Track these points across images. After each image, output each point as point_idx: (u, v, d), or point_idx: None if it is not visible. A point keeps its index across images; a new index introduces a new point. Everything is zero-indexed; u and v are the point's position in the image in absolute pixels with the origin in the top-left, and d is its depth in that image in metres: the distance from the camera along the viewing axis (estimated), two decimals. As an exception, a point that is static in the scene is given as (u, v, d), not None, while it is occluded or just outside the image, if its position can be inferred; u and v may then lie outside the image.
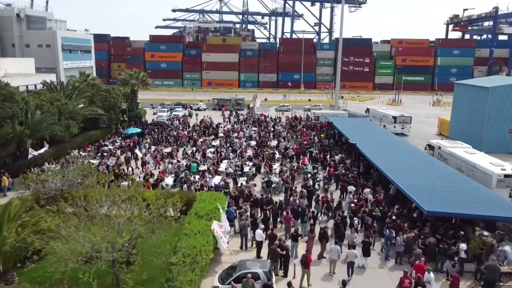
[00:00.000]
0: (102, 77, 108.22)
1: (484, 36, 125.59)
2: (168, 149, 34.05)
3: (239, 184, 24.53)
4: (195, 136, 39.07)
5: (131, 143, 35.36)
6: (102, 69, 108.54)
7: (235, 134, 40.97)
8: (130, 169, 27.96)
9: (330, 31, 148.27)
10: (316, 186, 25.24)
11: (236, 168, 28.61)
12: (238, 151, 34.08)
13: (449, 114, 60.56)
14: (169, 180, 25.75)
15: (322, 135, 39.75)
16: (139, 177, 25.48)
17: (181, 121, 48.34)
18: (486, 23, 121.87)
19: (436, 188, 19.69)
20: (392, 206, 21.39)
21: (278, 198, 24.70)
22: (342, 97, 72.40)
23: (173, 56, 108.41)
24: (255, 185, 23.62)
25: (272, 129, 44.89)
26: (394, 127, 46.54)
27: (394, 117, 46.84)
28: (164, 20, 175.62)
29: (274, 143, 37.84)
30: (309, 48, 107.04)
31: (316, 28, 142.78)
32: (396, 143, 31.85)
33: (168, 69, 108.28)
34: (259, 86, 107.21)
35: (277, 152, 33.45)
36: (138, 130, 38.88)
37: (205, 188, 23.43)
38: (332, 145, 36.66)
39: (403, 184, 20.18)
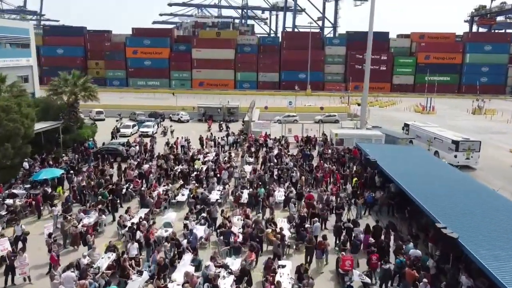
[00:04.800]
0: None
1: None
2: (93, 217, 19.04)
3: None
4: (151, 185, 23.99)
5: (35, 201, 20.41)
6: (77, 67, 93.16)
7: (220, 173, 25.95)
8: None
9: (334, 26, 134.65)
10: None
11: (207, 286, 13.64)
12: (219, 222, 19.10)
13: (501, 127, 46.22)
14: None
15: (354, 179, 24.69)
16: None
17: (143, 146, 33.18)
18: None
19: None
20: None
21: None
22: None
23: (159, 52, 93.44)
24: None
25: (275, 159, 29.91)
26: (455, 156, 31.52)
27: (456, 142, 31.75)
28: (160, 15, 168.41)
29: (280, 194, 22.92)
30: (316, 43, 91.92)
31: (319, 23, 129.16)
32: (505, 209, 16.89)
33: (153, 67, 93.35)
34: (258, 87, 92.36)
35: (286, 227, 18.46)
36: (57, 172, 23.82)
37: None
38: (383, 203, 21.71)
39: None
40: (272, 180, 25.70)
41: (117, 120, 46.34)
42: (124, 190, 22.93)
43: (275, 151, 32.14)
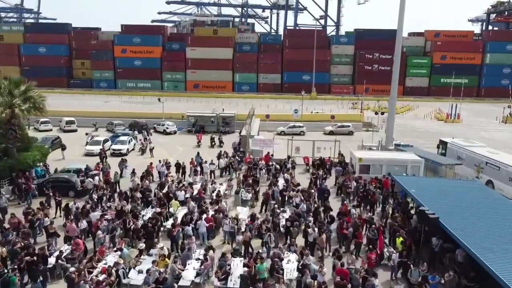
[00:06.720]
0: (61, 77, 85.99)
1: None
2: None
3: None
4: (95, 252, 16.02)
5: None
6: (60, 67, 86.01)
7: (201, 224, 17.99)
8: None
9: (337, 24, 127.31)
10: None
11: None
12: None
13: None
14: None
15: (399, 240, 16.68)
16: None
17: (103, 176, 25.15)
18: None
19: None
20: None
21: None
22: (381, 113, 49.39)
23: (150, 51, 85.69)
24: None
25: (278, 193, 22.05)
26: (522, 191, 23.62)
27: (522, 172, 23.85)
28: (159, 13, 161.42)
29: (291, 267, 15.01)
30: (321, 41, 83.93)
31: (322, 21, 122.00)
32: None
33: (143, 68, 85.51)
34: (259, 90, 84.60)
35: None
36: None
37: None
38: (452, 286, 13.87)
39: None
40: (278, 235, 17.82)
41: (86, 134, 38.24)
42: (53, 261, 14.95)
43: (281, 182, 24.22)
